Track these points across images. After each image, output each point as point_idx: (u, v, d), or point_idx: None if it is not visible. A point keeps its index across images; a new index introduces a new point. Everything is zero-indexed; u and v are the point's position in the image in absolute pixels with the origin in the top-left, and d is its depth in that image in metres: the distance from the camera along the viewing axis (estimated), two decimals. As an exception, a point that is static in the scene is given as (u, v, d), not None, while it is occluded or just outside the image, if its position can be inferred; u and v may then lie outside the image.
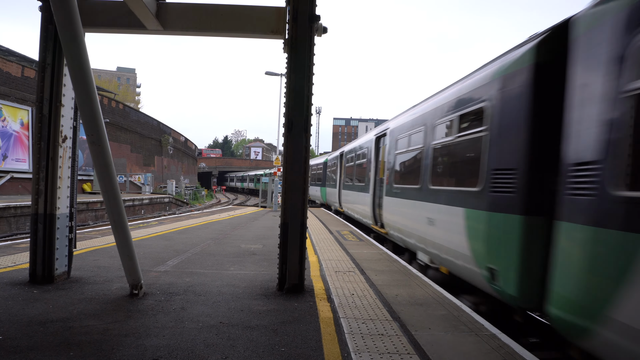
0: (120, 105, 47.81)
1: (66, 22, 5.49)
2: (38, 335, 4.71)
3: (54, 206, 6.77)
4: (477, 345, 4.87)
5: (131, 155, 48.81)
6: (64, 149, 6.89)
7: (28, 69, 30.12)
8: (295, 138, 6.69)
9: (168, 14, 7.14)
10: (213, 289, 6.90)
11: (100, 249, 10.08)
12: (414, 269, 8.99)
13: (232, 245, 11.58)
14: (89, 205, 25.92)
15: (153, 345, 4.53)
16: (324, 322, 5.47)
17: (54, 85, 6.72)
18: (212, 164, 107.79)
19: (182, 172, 69.90)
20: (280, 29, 7.08)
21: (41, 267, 6.79)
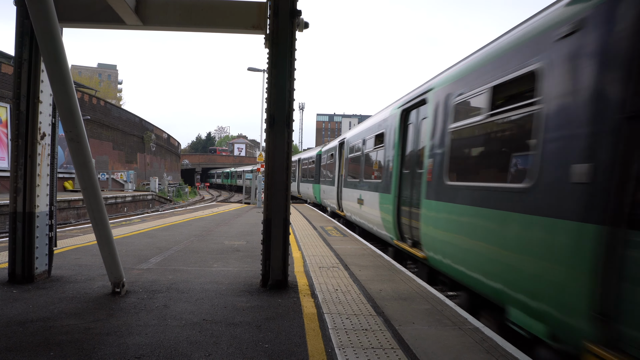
0: (101, 102, 47.28)
1: (41, 16, 5.39)
2: (17, 336, 4.63)
3: (33, 204, 6.67)
4: (460, 338, 4.90)
5: (113, 153, 48.33)
6: (43, 146, 6.78)
7: (5, 65, 29.62)
8: (277, 133, 6.66)
9: (147, 9, 7.05)
10: (196, 286, 6.85)
11: (82, 247, 9.95)
12: (398, 264, 9.01)
13: (215, 242, 11.51)
14: (71, 203, 25.62)
15: (135, 343, 4.49)
16: (307, 318, 5.46)
17: (31, 81, 6.59)
18: (195, 161, 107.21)
19: (165, 169, 69.39)
20: (261, 24, 7.04)
21: (20, 267, 6.68)
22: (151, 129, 63.26)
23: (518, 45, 5.44)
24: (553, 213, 4.43)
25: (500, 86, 5.75)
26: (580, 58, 4.27)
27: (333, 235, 13.40)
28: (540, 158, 4.74)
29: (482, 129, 6.17)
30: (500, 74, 5.71)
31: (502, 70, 5.67)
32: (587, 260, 3.94)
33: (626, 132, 3.72)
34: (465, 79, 6.75)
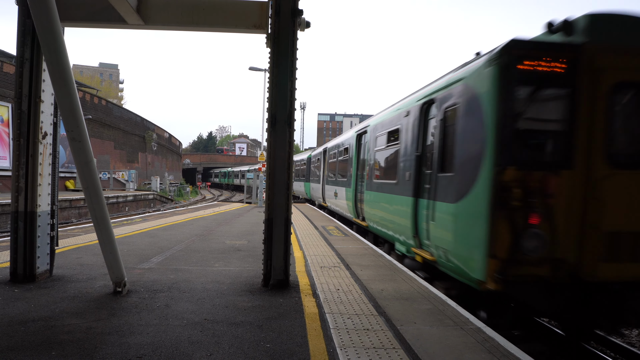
0: (103, 102, 47.33)
1: (43, 16, 5.39)
2: (19, 335, 4.63)
3: (35, 204, 6.67)
4: (462, 338, 4.89)
5: (115, 152, 48.37)
6: (44, 146, 6.78)
7: (7, 64, 29.67)
8: (279, 133, 6.65)
9: (149, 9, 7.05)
10: (198, 285, 6.85)
11: (83, 247, 9.96)
12: (399, 264, 9.02)
13: (217, 242, 11.52)
14: (72, 202, 25.64)
15: (137, 343, 4.49)
16: (309, 317, 5.46)
17: (32, 80, 6.59)
18: (196, 160, 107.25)
19: (167, 168, 69.44)
20: (263, 23, 7.04)
21: (22, 266, 6.68)
22: (152, 128, 63.30)
23: (394, 114, 10.61)
24: (403, 193, 9.23)
25: (390, 131, 10.88)
26: (410, 126, 9.20)
27: (334, 234, 13.39)
28: (399, 168, 9.70)
29: (384, 152, 11.33)
30: (389, 126, 11.03)
31: (389, 125, 10.97)
32: (411, 213, 8.60)
33: (418, 161, 8.56)
34: (379, 125, 12.01)
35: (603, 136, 5.80)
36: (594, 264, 5.79)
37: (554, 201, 5.80)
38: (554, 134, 6.07)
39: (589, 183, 5.80)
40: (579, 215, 5.81)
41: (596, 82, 5.81)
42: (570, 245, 5.82)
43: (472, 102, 6.48)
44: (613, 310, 5.93)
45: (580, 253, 5.81)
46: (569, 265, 5.83)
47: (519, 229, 5.74)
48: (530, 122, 5.99)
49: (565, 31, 6.04)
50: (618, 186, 5.76)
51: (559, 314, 6.38)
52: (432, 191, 7.71)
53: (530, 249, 5.72)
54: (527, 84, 5.85)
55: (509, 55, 5.81)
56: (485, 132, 6.02)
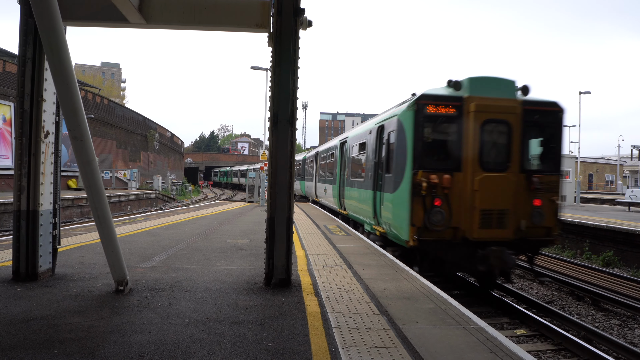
0: (105, 101, 47.37)
1: (45, 14, 5.39)
2: (21, 333, 4.64)
3: (37, 202, 6.67)
4: (464, 338, 4.89)
5: (117, 151, 48.42)
6: (47, 145, 6.79)
7: (10, 63, 29.71)
8: (281, 132, 6.65)
9: (151, 8, 7.04)
10: (200, 284, 6.86)
11: (86, 246, 9.98)
12: (401, 263, 9.02)
13: (219, 241, 11.53)
14: (74, 201, 25.67)
15: (139, 341, 4.49)
16: (311, 316, 5.46)
17: (35, 79, 6.60)
18: (198, 159, 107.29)
19: (169, 167, 69.48)
20: (265, 22, 7.03)
21: (24, 265, 6.69)
22: (155, 127, 63.35)
23: (363, 131, 14.08)
24: (367, 188, 12.62)
25: (360, 143, 14.28)
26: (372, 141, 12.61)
27: (336, 234, 13.39)
28: (366, 170, 13.13)
29: (357, 158, 14.88)
30: (360, 139, 14.42)
31: (360, 139, 14.38)
32: (373, 203, 11.95)
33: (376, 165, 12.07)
34: (355, 137, 15.59)
35: (478, 152, 9.39)
36: (474, 230, 9.25)
37: (450, 191, 9.29)
38: (449, 150, 9.68)
39: (470, 180, 9.30)
40: (465, 200, 9.32)
41: (473, 119, 9.37)
42: (460, 218, 9.33)
43: (400, 130, 10.09)
44: (484, 257, 9.20)
45: (467, 223, 9.29)
46: (460, 231, 9.38)
47: (427, 208, 9.25)
48: (433, 143, 9.67)
49: (455, 87, 9.72)
50: (486, 182, 9.25)
51: (456, 262, 9.77)
52: (382, 186, 11.39)
53: (436, 221, 9.26)
54: (431, 121, 9.51)
55: (419, 104, 9.51)
56: (407, 149, 9.63)
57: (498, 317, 9.40)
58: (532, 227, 9.59)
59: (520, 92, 9.93)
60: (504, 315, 9.59)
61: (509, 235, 9.38)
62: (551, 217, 9.78)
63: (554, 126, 10.14)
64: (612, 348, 7.66)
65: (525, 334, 8.46)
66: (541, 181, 9.63)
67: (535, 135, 10.13)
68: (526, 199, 9.56)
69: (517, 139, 9.62)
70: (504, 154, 9.65)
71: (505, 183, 9.38)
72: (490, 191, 9.25)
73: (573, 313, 9.93)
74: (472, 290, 11.12)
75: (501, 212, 9.31)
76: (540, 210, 9.64)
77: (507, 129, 9.62)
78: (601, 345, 7.80)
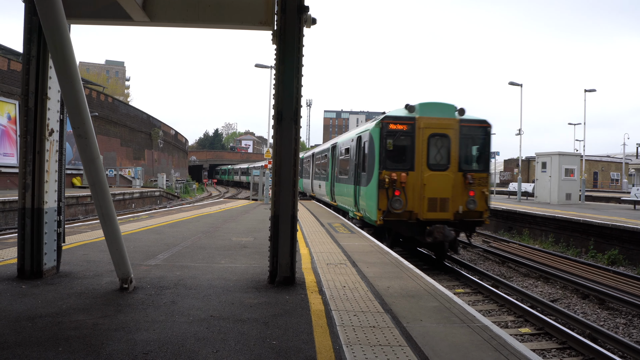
0: (109, 99, 47.47)
1: (49, 12, 5.39)
2: (26, 331, 4.65)
3: (42, 200, 6.69)
4: (469, 336, 4.87)
5: (121, 149, 48.52)
6: (51, 143, 6.80)
7: (14, 62, 29.79)
8: (285, 130, 6.64)
9: (155, 5, 7.03)
10: (204, 282, 6.86)
11: (90, 243, 10.00)
12: (405, 261, 9.00)
13: (223, 239, 11.53)
14: (79, 199, 25.75)
15: (143, 339, 4.49)
16: (315, 314, 5.45)
17: (39, 77, 6.59)
18: (202, 157, 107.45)
19: (173, 165, 69.60)
20: (269, 20, 7.01)
21: (29, 262, 6.71)
22: (159, 125, 63.45)
23: (348, 138, 17.91)
24: (350, 183, 16.40)
25: (346, 148, 17.87)
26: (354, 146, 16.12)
27: (340, 232, 13.38)
28: (349, 169, 16.85)
29: (344, 160, 18.34)
30: (345, 145, 18.03)
31: (346, 144, 17.97)
32: (354, 194, 15.82)
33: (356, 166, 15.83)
34: (342, 143, 19.11)
35: (426, 157, 12.96)
36: (424, 212, 12.83)
37: (406, 185, 12.81)
38: (405, 155, 13.19)
39: (420, 177, 12.90)
40: (417, 191, 12.89)
41: (421, 133, 13.00)
42: (414, 204, 12.91)
43: (371, 140, 13.72)
44: (430, 232, 12.62)
45: (418, 208, 12.88)
46: (414, 213, 12.92)
47: (390, 197, 12.79)
48: (394, 150, 13.13)
49: (409, 110, 13.38)
50: (432, 179, 12.90)
51: (411, 236, 13.37)
52: (360, 181, 15.16)
53: (396, 207, 12.80)
54: (392, 134, 13.09)
55: (383, 123, 13.21)
56: (375, 154, 13.26)
57: (502, 316, 9.39)
58: (467, 212, 13.17)
59: (457, 112, 13.46)
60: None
61: (449, 216, 13.01)
62: (483, 204, 13.37)
63: (483, 137, 13.74)
64: (617, 347, 7.62)
65: (529, 332, 8.45)
66: (474, 177, 13.19)
67: (468, 144, 13.55)
68: (463, 190, 13.15)
69: (455, 147, 13.17)
70: (445, 158, 13.20)
71: (446, 179, 13.05)
72: (435, 185, 12.95)
73: (578, 311, 9.90)
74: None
75: (443, 200, 13.00)
76: (474, 199, 13.21)
77: (447, 140, 13.18)
78: (606, 344, 7.77)
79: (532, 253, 15.86)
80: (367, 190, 13.99)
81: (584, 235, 16.99)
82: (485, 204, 13.40)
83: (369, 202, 13.69)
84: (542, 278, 12.87)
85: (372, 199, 13.39)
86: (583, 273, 12.70)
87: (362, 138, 15.08)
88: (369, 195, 13.69)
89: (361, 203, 14.84)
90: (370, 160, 13.77)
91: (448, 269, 13.55)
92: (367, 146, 14.21)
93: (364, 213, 14.52)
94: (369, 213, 13.77)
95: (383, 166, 13.02)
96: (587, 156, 57.04)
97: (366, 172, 14.14)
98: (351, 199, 16.38)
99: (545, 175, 27.24)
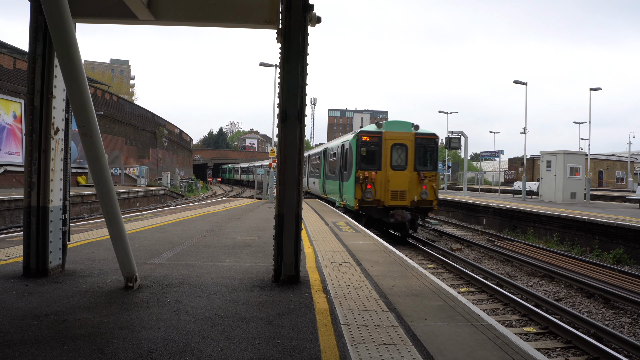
0: (114, 98, 47.56)
1: (55, 11, 5.40)
2: (32, 329, 4.67)
3: (47, 199, 6.71)
4: (473, 335, 4.87)
5: (126, 148, 48.62)
6: (57, 141, 6.82)
7: (20, 60, 29.88)
8: (290, 129, 6.64)
9: (160, 4, 7.04)
10: (208, 281, 6.87)
11: (95, 242, 10.03)
12: (410, 260, 8.99)
13: (227, 237, 11.55)
14: (84, 198, 25.83)
15: (148, 337, 4.50)
16: (319, 313, 5.45)
17: (44, 76, 6.62)
18: (207, 156, 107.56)
19: (177, 164, 69.70)
20: (274, 18, 7.01)
21: (35, 261, 6.73)
22: (163, 124, 63.53)
23: (335, 144, 22.83)
24: (337, 179, 21.30)
25: (333, 152, 22.73)
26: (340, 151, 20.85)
27: (345, 230, 13.38)
28: (336, 169, 21.65)
29: (332, 161, 22.83)
30: (333, 150, 22.74)
31: (334, 150, 22.63)
32: (339, 188, 20.73)
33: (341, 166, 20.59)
34: (330, 148, 24.05)
35: (389, 160, 17.81)
36: (388, 200, 17.64)
37: (375, 181, 17.52)
38: (375, 159, 17.77)
39: (385, 175, 17.69)
40: (383, 185, 17.61)
41: (386, 143, 17.80)
42: (381, 194, 17.59)
43: (350, 148, 18.46)
44: (392, 214, 17.14)
45: (384, 197, 17.60)
46: (381, 201, 17.61)
47: (363, 189, 17.43)
48: (366, 155, 17.77)
49: (378, 126, 18.29)
50: (394, 176, 17.72)
51: (379, 217, 17.79)
52: (343, 178, 19.58)
53: (368, 196, 17.45)
54: (365, 144, 17.77)
55: (358, 135, 18.09)
56: (353, 158, 17.99)
57: (507, 315, 9.37)
58: (420, 200, 17.96)
59: (413, 128, 18.42)
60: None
61: (407, 203, 17.85)
62: (432, 195, 18.13)
63: (433, 146, 18.61)
64: (622, 346, 7.59)
65: (534, 331, 8.42)
66: (425, 175, 17.99)
67: (421, 151, 18.31)
68: (417, 185, 17.98)
69: (411, 153, 18.09)
70: (404, 161, 18.09)
71: (405, 176, 17.97)
72: (396, 181, 17.87)
73: (583, 311, 9.87)
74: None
75: (402, 192, 17.88)
76: (426, 191, 17.98)
77: (405, 148, 18.11)
78: (612, 344, 7.74)
79: (536, 252, 15.82)
80: (347, 184, 18.88)
81: (589, 234, 16.93)
82: (434, 195, 18.21)
83: (349, 193, 18.52)
84: (546, 277, 12.83)
85: (351, 191, 18.19)
86: (588, 272, 12.65)
87: (344, 146, 19.87)
88: (349, 188, 18.53)
89: (344, 194, 19.76)
90: (349, 163, 18.68)
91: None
92: (348, 152, 19.06)
93: (346, 202, 19.36)
94: (349, 201, 18.62)
95: (359, 167, 17.79)
96: (592, 155, 56.87)
97: (347, 171, 19.05)
98: (337, 191, 21.26)
99: (550, 174, 27.14)
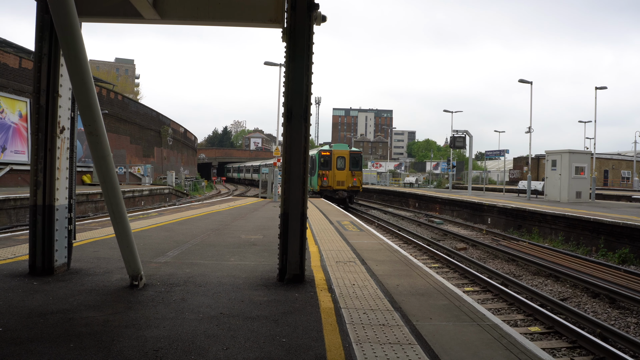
0: (119, 97, 47.68)
1: (61, 11, 5.42)
2: (38, 327, 4.69)
3: (53, 197, 6.73)
4: (478, 335, 4.86)
5: (130, 147, 48.74)
6: (62, 140, 6.84)
7: (26, 60, 29.98)
8: (295, 128, 6.64)
9: (165, 3, 7.06)
10: (213, 279, 6.88)
11: (100, 240, 10.06)
12: (415, 259, 8.98)
13: (232, 236, 11.56)
14: (89, 196, 25.89)
15: (153, 336, 4.52)
16: (325, 312, 5.45)
17: (50, 75, 6.64)
18: (211, 155, 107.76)
19: (182, 163, 69.83)
20: (279, 17, 7.02)
21: (41, 259, 6.76)
22: (168, 123, 63.65)
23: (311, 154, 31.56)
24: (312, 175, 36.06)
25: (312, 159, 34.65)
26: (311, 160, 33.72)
27: (349, 229, 13.38)
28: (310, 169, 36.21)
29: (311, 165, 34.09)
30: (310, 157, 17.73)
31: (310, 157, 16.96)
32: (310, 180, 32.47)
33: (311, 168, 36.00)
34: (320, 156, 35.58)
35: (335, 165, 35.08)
36: (335, 186, 33.42)
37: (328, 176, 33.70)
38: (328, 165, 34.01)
39: (334, 173, 33.66)
40: (333, 178, 33.51)
41: (334, 156, 34.04)
42: (331, 183, 33.50)
43: (315, 159, 33.88)
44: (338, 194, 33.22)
45: (333, 184, 33.51)
46: (333, 188, 33.49)
47: (322, 180, 33.54)
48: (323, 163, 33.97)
49: (329, 146, 36.77)
50: (338, 173, 33.77)
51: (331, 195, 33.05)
52: (312, 174, 34.02)
53: (324, 184, 33.43)
54: (323, 157, 33.93)
55: (319, 152, 34.22)
56: (316, 164, 33.74)
57: (512, 314, 9.35)
58: (352, 187, 33.33)
59: (349, 147, 35.23)
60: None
61: (345, 188, 32.98)
62: (359, 184, 33.81)
63: (359, 157, 34.46)
64: (628, 346, 7.56)
65: (539, 331, 8.40)
66: (355, 173, 33.53)
67: (353, 160, 33.71)
68: (351, 178, 33.22)
69: (347, 161, 33.40)
70: (344, 165, 33.25)
71: (344, 174, 33.25)
72: (339, 176, 33.24)
73: (588, 310, 9.84)
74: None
75: (342, 181, 33.08)
76: (355, 182, 33.39)
77: (344, 159, 33.41)
78: (617, 344, 7.71)
79: (541, 251, 15.77)
80: (313, 178, 33.30)
81: (595, 233, 16.86)
82: (360, 184, 33.88)
83: (314, 182, 33.16)
84: (551, 277, 12.79)
85: (315, 181, 33.05)
86: (593, 272, 12.60)
87: (313, 157, 32.94)
88: (314, 180, 33.16)
89: (312, 183, 33.36)
90: (314, 166, 33.03)
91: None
92: (314, 161, 33.16)
93: (313, 187, 33.26)
94: (314, 187, 33.11)
95: (319, 168, 32.84)
96: (598, 154, 56.65)
97: (313, 170, 33.10)
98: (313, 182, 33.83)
99: (555, 174, 27.03)
